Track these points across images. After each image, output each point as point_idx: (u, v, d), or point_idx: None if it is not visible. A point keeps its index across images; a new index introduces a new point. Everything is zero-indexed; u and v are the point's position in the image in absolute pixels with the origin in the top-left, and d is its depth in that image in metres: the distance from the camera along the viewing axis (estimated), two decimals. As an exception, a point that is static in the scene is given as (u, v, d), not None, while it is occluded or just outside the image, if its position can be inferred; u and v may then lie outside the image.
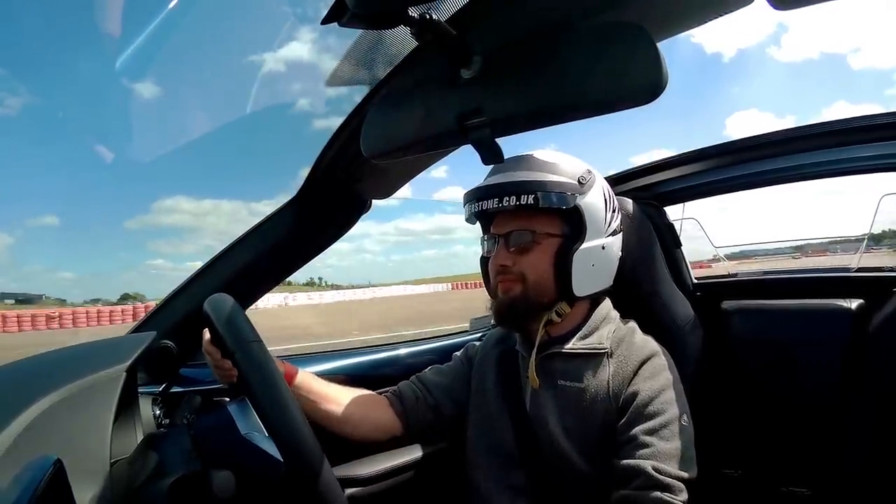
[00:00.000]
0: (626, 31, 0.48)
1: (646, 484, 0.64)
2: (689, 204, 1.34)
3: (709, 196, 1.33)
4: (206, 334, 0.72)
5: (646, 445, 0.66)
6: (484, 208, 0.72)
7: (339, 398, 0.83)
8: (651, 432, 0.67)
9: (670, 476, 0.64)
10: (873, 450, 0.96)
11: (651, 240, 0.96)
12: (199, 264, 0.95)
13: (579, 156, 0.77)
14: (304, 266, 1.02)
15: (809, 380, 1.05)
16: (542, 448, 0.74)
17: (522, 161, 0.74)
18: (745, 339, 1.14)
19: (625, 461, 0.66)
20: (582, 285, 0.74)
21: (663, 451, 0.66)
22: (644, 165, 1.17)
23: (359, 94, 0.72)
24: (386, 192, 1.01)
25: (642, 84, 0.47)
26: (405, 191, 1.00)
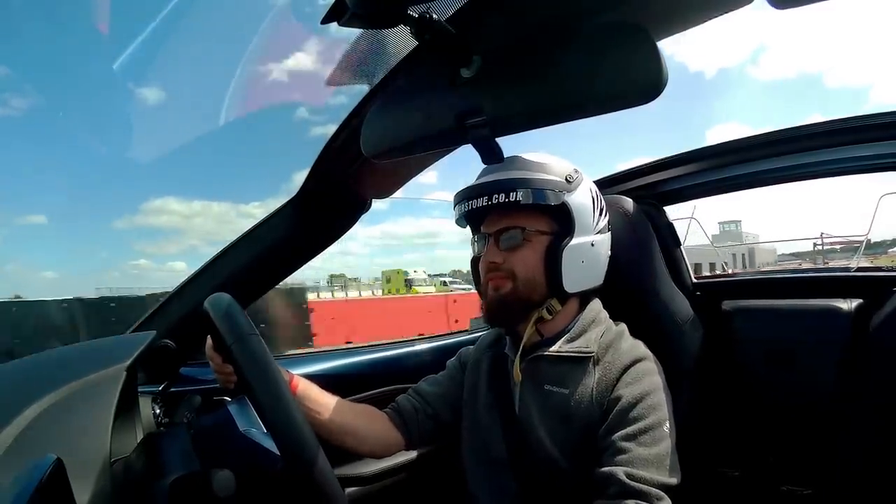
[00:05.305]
0: (627, 30, 0.48)
1: (619, 492, 0.62)
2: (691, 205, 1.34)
3: (709, 196, 1.33)
4: (209, 340, 0.72)
5: (622, 451, 0.64)
6: (474, 207, 0.73)
7: (341, 410, 0.80)
8: (629, 438, 0.65)
9: (647, 483, 0.61)
10: (873, 449, 0.96)
11: (650, 239, 0.96)
12: (180, 264, 0.94)
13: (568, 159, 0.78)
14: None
15: (809, 379, 1.05)
16: (531, 452, 0.73)
17: (510, 161, 0.75)
18: (745, 339, 1.14)
19: (600, 468, 0.65)
20: (572, 281, 0.74)
21: (640, 457, 0.63)
22: (644, 165, 1.17)
23: (358, 94, 0.72)
24: (386, 193, 1.01)
25: (642, 83, 0.47)
26: (400, 191, 1.00)
